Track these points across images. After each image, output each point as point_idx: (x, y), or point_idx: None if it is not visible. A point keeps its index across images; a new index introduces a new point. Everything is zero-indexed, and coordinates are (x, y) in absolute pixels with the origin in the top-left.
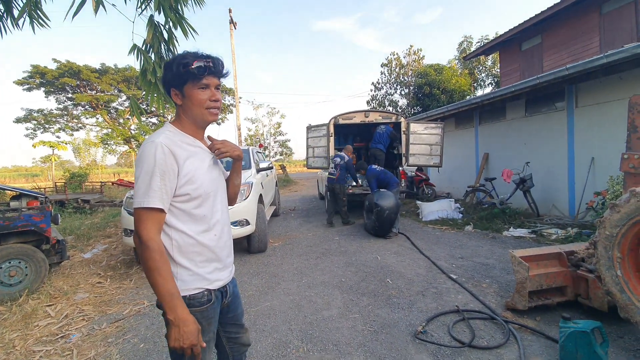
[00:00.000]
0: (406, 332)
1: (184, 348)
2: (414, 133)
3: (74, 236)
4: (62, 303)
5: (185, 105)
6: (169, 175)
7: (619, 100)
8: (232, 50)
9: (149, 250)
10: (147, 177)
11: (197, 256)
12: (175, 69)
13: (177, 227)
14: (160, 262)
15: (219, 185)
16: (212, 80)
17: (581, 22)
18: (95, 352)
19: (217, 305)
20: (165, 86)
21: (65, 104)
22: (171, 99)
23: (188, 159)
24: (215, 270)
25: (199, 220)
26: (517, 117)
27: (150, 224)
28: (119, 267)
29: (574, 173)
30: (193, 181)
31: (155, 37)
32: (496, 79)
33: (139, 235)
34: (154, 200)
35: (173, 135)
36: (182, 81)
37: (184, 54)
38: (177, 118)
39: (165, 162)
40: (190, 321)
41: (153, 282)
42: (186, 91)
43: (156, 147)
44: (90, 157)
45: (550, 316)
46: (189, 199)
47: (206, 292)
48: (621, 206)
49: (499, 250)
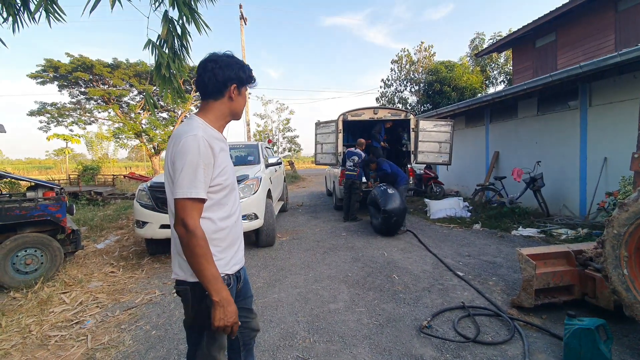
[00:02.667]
0: (411, 327)
1: (227, 326)
2: (423, 130)
3: (87, 227)
4: (77, 291)
5: (237, 102)
6: (208, 167)
7: (634, 99)
8: (242, 45)
9: (196, 237)
10: (191, 169)
11: (221, 242)
12: (247, 72)
13: (205, 215)
14: (206, 248)
15: (235, 178)
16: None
17: (596, 19)
18: (109, 338)
19: (234, 289)
20: (227, 80)
21: (78, 98)
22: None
23: (221, 152)
24: (234, 254)
25: (223, 208)
26: (529, 115)
27: (196, 213)
28: (131, 257)
29: (585, 173)
30: (224, 172)
31: (170, 32)
32: (508, 77)
33: (186, 224)
34: (200, 191)
35: (206, 129)
36: (246, 82)
37: (239, 59)
38: (211, 112)
39: (207, 155)
40: (232, 301)
41: (199, 267)
42: (242, 91)
43: (199, 141)
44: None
45: (556, 314)
46: (220, 188)
47: (226, 277)
48: (630, 205)
49: (507, 249)
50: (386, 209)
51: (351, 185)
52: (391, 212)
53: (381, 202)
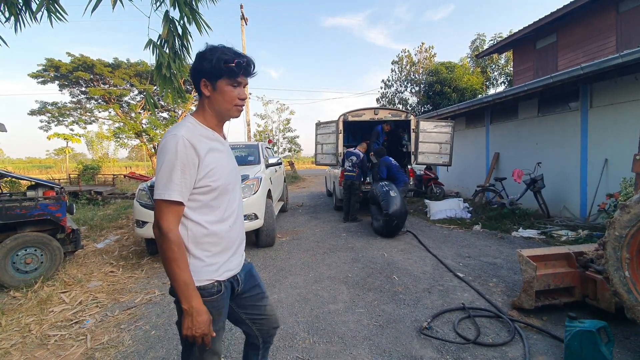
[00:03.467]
0: (411, 328)
1: (195, 337)
2: (423, 131)
3: (87, 226)
4: (76, 290)
5: (214, 99)
6: (189, 168)
7: (635, 100)
8: (243, 45)
9: (168, 241)
10: (168, 169)
11: (212, 247)
12: (215, 62)
13: (193, 218)
14: (178, 253)
15: (235, 178)
16: (244, 79)
17: (598, 20)
18: (109, 338)
19: (226, 296)
20: (195, 75)
21: (78, 98)
22: (197, 87)
23: (209, 152)
24: (227, 261)
25: (214, 212)
26: (529, 116)
27: (171, 216)
28: (131, 257)
29: (586, 174)
30: (213, 173)
31: (171, 32)
32: (509, 78)
33: (159, 226)
34: (174, 193)
35: (194, 128)
36: (218, 75)
37: (224, 49)
38: (200, 110)
39: (187, 156)
40: (203, 311)
41: (170, 272)
42: (219, 85)
43: (178, 141)
44: (103, 150)
45: (557, 316)
46: (208, 190)
47: (216, 284)
48: (631, 207)
49: (507, 251)
50: (388, 212)
51: (350, 185)
52: (393, 215)
53: (383, 204)
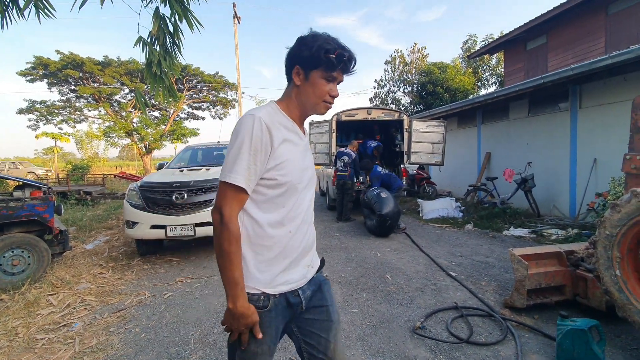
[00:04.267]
0: (405, 328)
1: (232, 330)
2: (416, 131)
3: (76, 227)
4: (65, 292)
5: (303, 89)
6: (260, 154)
7: (623, 101)
8: (236, 44)
9: (228, 231)
10: (237, 150)
11: (265, 250)
12: (315, 50)
13: (251, 213)
14: (235, 246)
15: (309, 179)
16: (340, 75)
17: (587, 22)
18: (97, 341)
19: (275, 315)
20: (290, 60)
21: (68, 96)
22: (288, 73)
23: (284, 142)
24: (283, 271)
25: (277, 211)
26: (520, 117)
27: (234, 203)
28: (121, 258)
29: (575, 174)
30: (283, 167)
31: (161, 29)
32: (500, 79)
33: (221, 212)
34: (239, 177)
35: (274, 114)
36: (314, 64)
37: (327, 38)
38: (286, 98)
39: (261, 139)
40: (247, 315)
41: (221, 265)
42: (312, 76)
43: (254, 121)
44: (93, 150)
45: (548, 315)
46: (274, 184)
47: (262, 297)
48: (622, 206)
49: (499, 249)
50: (382, 213)
51: (343, 185)
52: (386, 215)
53: (376, 207)
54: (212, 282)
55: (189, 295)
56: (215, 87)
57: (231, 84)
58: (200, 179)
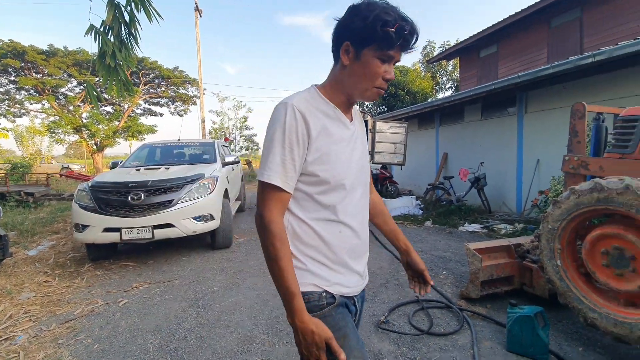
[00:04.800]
0: (370, 323)
1: (304, 355)
2: (379, 131)
3: (16, 232)
4: (5, 303)
5: (352, 70)
6: (296, 146)
7: (563, 107)
8: (197, 38)
9: (270, 234)
10: (269, 145)
11: (312, 251)
12: (371, 22)
13: (294, 211)
14: (281, 250)
15: (358, 175)
16: (398, 54)
17: (532, 34)
18: (45, 354)
19: (343, 310)
20: (339, 34)
21: (7, 87)
22: (335, 51)
23: (322, 131)
24: (335, 272)
25: (323, 210)
26: (474, 119)
27: (272, 203)
28: (69, 264)
29: (522, 173)
30: (324, 160)
31: (116, 18)
32: (456, 83)
33: (261, 213)
34: (274, 175)
35: (312, 99)
36: (368, 40)
37: (386, 7)
38: (329, 80)
39: (296, 130)
40: (309, 331)
41: (271, 271)
42: (364, 54)
43: (287, 110)
44: (35, 147)
45: (499, 304)
46: (315, 181)
47: (324, 294)
48: (562, 203)
49: (455, 244)
50: None
51: None
52: None
53: None
54: (172, 287)
55: (147, 301)
56: (175, 82)
57: (192, 80)
58: (159, 179)
